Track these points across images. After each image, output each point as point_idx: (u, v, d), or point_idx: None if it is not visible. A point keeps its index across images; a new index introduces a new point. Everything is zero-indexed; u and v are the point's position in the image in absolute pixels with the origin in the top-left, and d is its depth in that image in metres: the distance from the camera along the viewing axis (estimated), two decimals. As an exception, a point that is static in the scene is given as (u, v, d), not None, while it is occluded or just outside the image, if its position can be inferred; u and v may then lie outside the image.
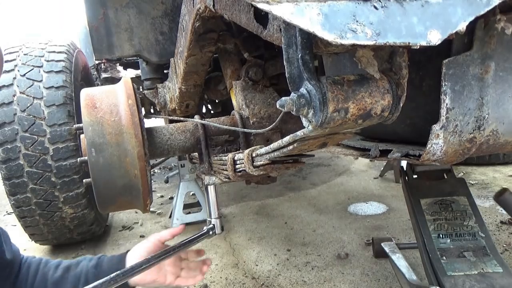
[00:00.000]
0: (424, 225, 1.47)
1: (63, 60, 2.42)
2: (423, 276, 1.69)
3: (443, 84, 0.78)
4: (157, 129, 1.33)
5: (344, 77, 0.64)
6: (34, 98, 2.22)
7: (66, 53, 2.50)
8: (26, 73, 2.28)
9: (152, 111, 3.11)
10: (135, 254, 1.15)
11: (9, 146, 2.16)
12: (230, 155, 1.10)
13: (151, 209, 2.68)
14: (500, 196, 1.26)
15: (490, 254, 1.37)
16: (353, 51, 0.65)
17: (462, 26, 0.57)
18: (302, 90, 0.63)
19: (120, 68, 3.25)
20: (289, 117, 1.27)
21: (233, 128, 1.27)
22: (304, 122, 0.65)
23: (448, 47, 0.81)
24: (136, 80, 2.89)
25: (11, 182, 2.21)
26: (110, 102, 1.16)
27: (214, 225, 1.26)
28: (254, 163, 0.99)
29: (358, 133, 1.30)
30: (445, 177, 1.64)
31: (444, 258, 1.38)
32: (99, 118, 1.13)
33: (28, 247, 2.78)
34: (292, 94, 0.63)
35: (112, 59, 2.96)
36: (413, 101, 0.96)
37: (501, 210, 2.67)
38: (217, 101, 3.09)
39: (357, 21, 0.53)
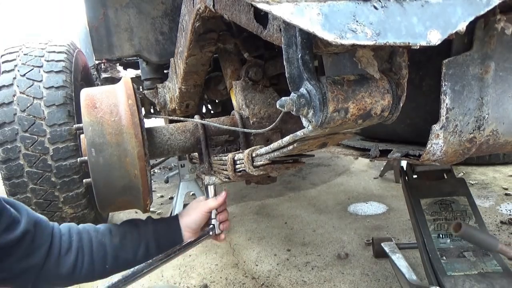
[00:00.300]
0: (424, 225, 1.47)
1: (63, 60, 2.42)
2: (423, 276, 1.69)
3: (443, 84, 0.78)
4: (157, 129, 1.33)
5: (344, 77, 0.64)
6: (34, 98, 2.22)
7: (66, 53, 2.50)
8: (26, 73, 2.28)
9: (152, 111, 3.11)
10: (189, 225, 1.22)
11: (9, 146, 2.16)
12: (230, 155, 1.10)
13: (151, 209, 2.68)
14: (458, 231, 1.25)
15: (490, 254, 1.37)
16: (353, 51, 0.65)
17: (462, 26, 0.57)
18: (302, 90, 0.63)
19: (120, 68, 3.25)
20: (289, 117, 1.27)
21: (233, 128, 1.27)
22: (304, 122, 0.65)
23: (448, 47, 0.81)
24: (136, 80, 2.89)
25: (11, 182, 2.21)
26: (110, 102, 1.16)
27: (214, 225, 1.26)
28: (254, 163, 0.99)
29: (358, 133, 1.30)
30: (445, 177, 1.64)
31: (444, 258, 1.38)
32: (99, 118, 1.13)
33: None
34: (292, 94, 0.63)
35: (112, 59, 2.96)
36: (413, 101, 0.96)
37: (501, 210, 2.67)
38: (217, 101, 3.09)
39: (357, 21, 0.53)
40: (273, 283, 2.06)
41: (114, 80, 3.05)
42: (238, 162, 1.08)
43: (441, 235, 1.45)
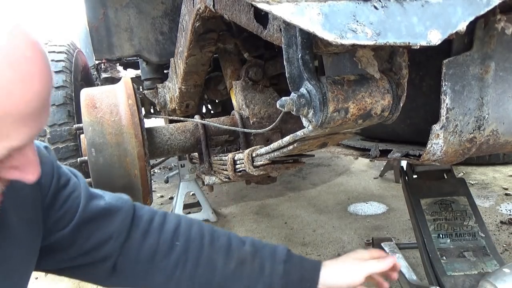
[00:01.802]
0: (424, 225, 1.47)
1: (63, 60, 2.42)
2: (423, 276, 1.69)
3: (443, 84, 0.78)
4: (157, 129, 1.33)
5: (344, 77, 0.64)
6: (34, 98, 2.22)
7: (66, 53, 2.50)
8: (26, 73, 2.28)
9: (152, 111, 3.10)
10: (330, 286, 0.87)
11: (9, 146, 2.16)
12: (230, 155, 1.10)
13: (151, 209, 2.67)
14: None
15: (490, 254, 1.37)
16: (353, 51, 0.65)
17: (462, 26, 0.57)
18: (302, 90, 0.63)
19: (120, 68, 3.25)
20: (289, 117, 1.27)
21: (233, 128, 1.27)
22: (304, 122, 0.65)
23: (448, 47, 0.81)
24: (136, 80, 2.89)
25: (11, 182, 2.20)
26: (110, 102, 1.16)
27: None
28: (254, 163, 0.99)
29: (358, 133, 1.30)
30: (445, 177, 1.64)
31: (444, 258, 1.38)
32: (99, 118, 1.13)
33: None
34: (292, 94, 0.63)
35: (112, 59, 2.95)
36: (413, 101, 0.96)
37: (501, 210, 2.67)
38: (217, 101, 3.09)
39: (357, 21, 0.53)
40: (273, 283, 2.06)
41: (114, 80, 3.04)
42: (238, 162, 1.08)
43: (441, 235, 1.44)
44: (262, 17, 0.77)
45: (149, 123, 1.33)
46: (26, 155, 0.58)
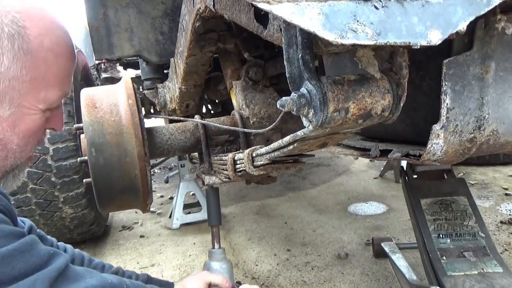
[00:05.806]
0: (424, 225, 1.47)
1: (63, 60, 2.41)
2: (423, 276, 1.69)
3: (444, 84, 0.78)
4: (157, 129, 1.33)
5: (344, 77, 0.64)
6: (34, 98, 2.21)
7: (66, 53, 2.50)
8: (26, 73, 2.28)
9: (152, 111, 3.10)
10: None
11: (9, 146, 2.16)
12: (230, 155, 1.10)
13: (151, 209, 2.67)
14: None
15: (490, 254, 1.37)
16: (353, 51, 0.65)
17: (462, 26, 0.57)
18: (303, 90, 0.63)
19: (120, 68, 3.25)
20: (289, 117, 1.27)
21: (233, 128, 1.27)
22: (305, 122, 0.65)
23: (448, 47, 0.81)
24: (136, 80, 2.89)
25: (11, 182, 2.20)
26: (110, 102, 1.16)
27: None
28: (254, 163, 0.99)
29: (358, 133, 1.30)
30: (445, 177, 1.64)
31: (444, 258, 1.38)
32: (99, 118, 1.13)
33: (28, 247, 2.78)
34: (293, 94, 0.63)
35: (112, 59, 2.95)
36: (413, 101, 0.96)
37: (501, 210, 2.67)
38: (217, 101, 3.09)
39: (357, 21, 0.53)
40: (273, 283, 2.06)
41: (114, 80, 3.04)
42: (238, 162, 1.08)
43: (441, 235, 1.44)
44: (262, 17, 0.77)
45: (149, 123, 1.33)
46: (61, 109, 0.82)
